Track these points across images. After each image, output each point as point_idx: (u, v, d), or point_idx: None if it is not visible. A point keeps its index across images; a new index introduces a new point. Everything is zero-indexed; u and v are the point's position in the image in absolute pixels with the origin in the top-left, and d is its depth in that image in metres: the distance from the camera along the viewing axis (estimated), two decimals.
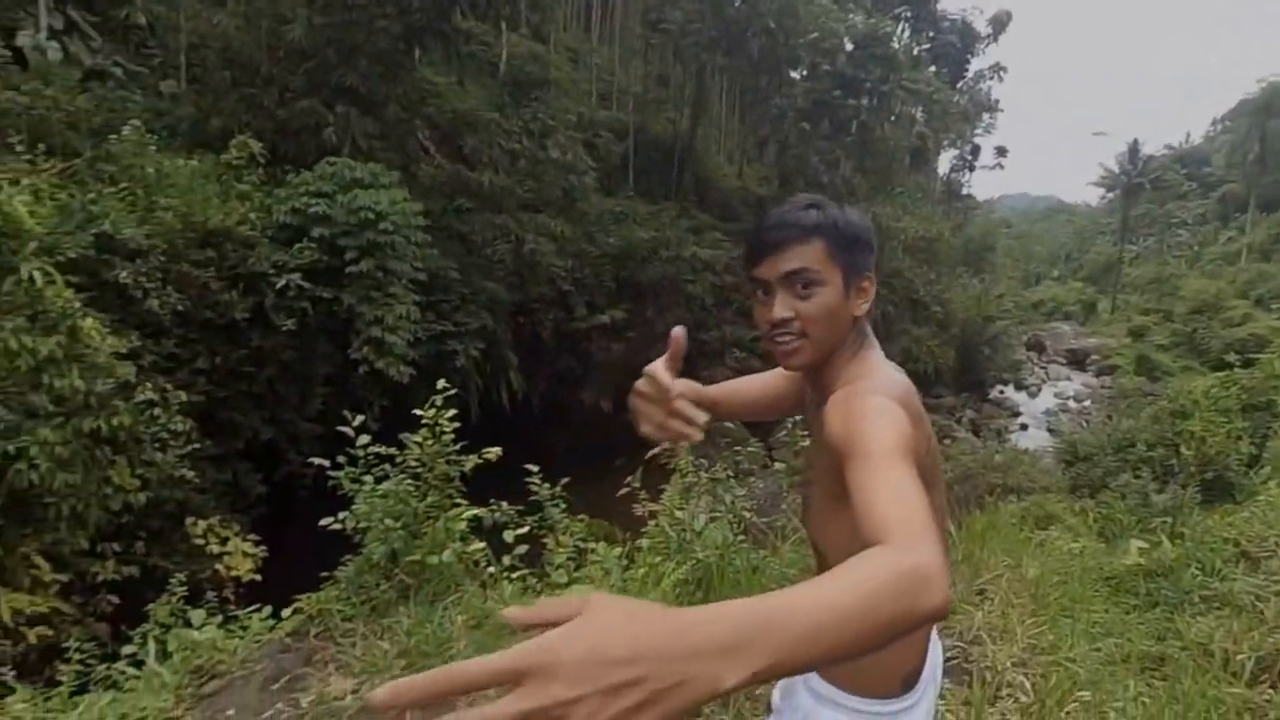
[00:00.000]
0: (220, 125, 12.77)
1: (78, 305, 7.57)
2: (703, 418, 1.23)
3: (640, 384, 1.26)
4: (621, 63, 27.89)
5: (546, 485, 4.31)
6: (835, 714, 1.25)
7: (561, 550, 4.17)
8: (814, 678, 1.28)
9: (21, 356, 6.82)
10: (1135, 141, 54.48)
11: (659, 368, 1.25)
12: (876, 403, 1.08)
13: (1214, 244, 56.53)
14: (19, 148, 9.52)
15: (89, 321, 7.64)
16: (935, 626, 1.39)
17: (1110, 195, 64.79)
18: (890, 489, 0.92)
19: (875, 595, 0.68)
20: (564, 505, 4.42)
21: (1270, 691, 3.00)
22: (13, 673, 4.35)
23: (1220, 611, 3.71)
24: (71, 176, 10.00)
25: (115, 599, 7.68)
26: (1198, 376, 20.44)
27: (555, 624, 0.57)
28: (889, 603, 0.67)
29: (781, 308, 1.19)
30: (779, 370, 1.46)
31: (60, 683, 3.44)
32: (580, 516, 4.60)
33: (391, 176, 12.78)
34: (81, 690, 3.37)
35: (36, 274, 7.12)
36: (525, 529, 4.09)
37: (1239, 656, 3.18)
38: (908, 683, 1.26)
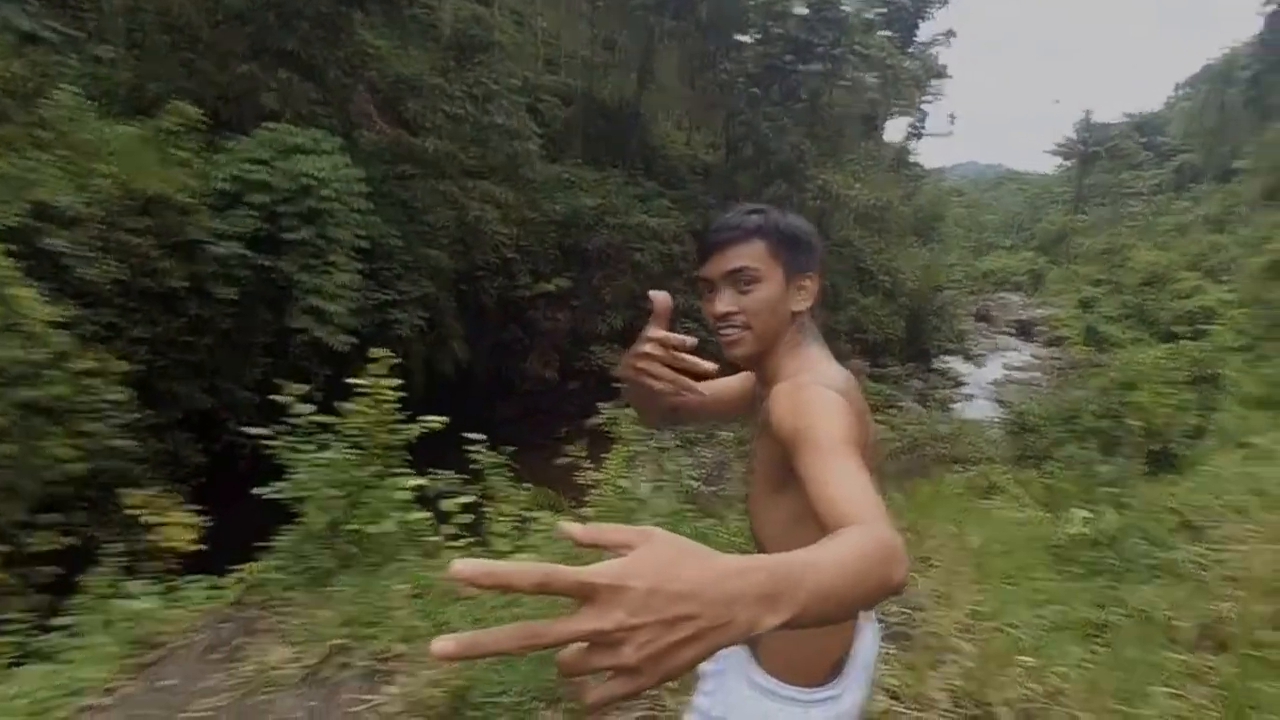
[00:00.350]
0: (158, 91, 12.82)
1: (14, 274, 7.76)
2: (710, 366, 1.28)
3: (645, 348, 1.29)
4: (567, 26, 27.84)
5: (490, 454, 4.44)
6: (768, 700, 1.35)
7: (505, 519, 4.30)
8: (750, 665, 1.39)
9: None
10: (1091, 110, 56.18)
11: (649, 330, 1.30)
12: (823, 395, 1.20)
13: (1167, 214, 56.42)
14: None
15: (25, 291, 7.81)
16: (867, 616, 1.53)
17: (1067, 164, 66.21)
18: (846, 477, 1.02)
19: (867, 562, 0.78)
20: (508, 474, 4.54)
21: (1212, 658, 3.11)
22: None
23: (1163, 580, 3.89)
24: (8, 144, 10.01)
25: (54, 568, 7.76)
26: (1147, 348, 20.66)
27: (613, 547, 0.62)
28: (875, 571, 0.77)
29: (725, 303, 1.33)
30: (737, 376, 1.57)
31: None
32: (524, 485, 4.74)
33: (332, 142, 12.89)
34: (20, 662, 3.47)
35: None
36: (469, 498, 4.18)
37: (1181, 624, 3.34)
38: (834, 671, 1.37)
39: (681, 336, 1.27)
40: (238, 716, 2.88)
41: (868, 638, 1.48)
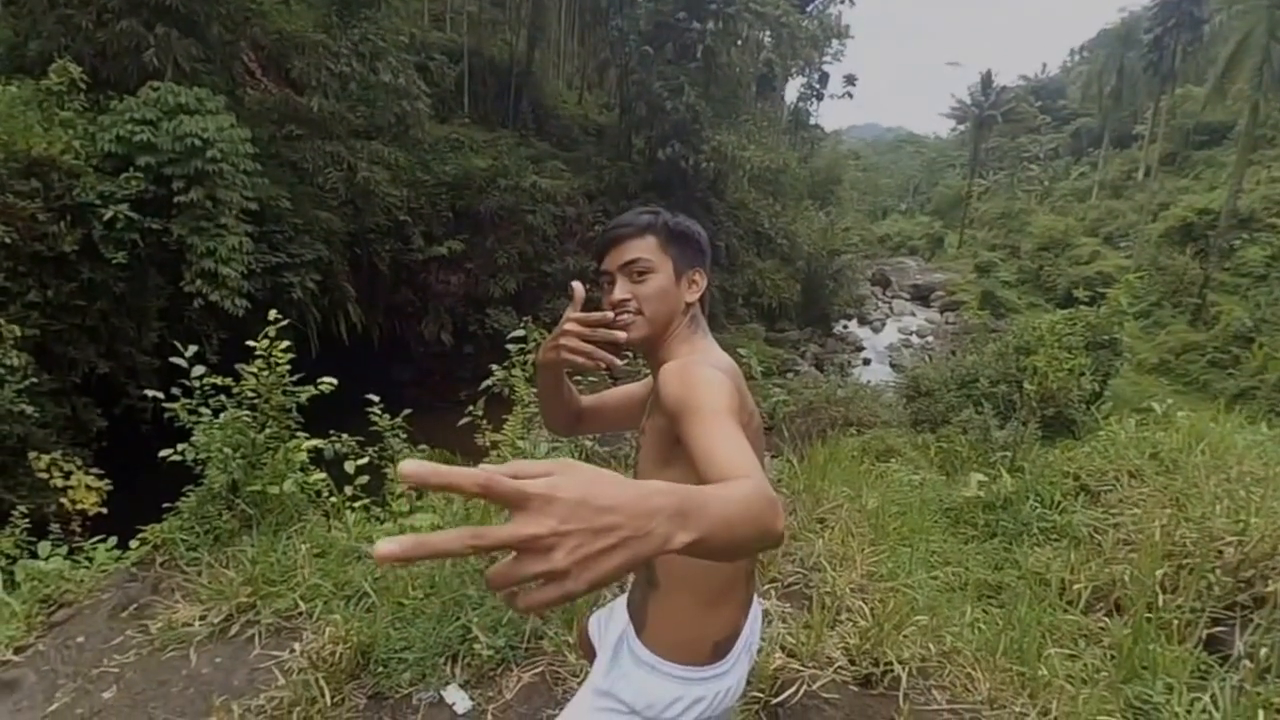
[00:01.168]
0: (39, 49, 13.15)
1: None
2: (624, 335, 1.52)
3: (566, 327, 1.52)
4: None
5: (387, 416, 4.67)
6: (651, 676, 1.50)
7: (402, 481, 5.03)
8: (635, 642, 1.55)
9: None
10: (989, 72, 57.06)
11: (573, 312, 1.53)
12: (708, 373, 1.36)
13: (1065, 179, 59.37)
14: None
15: None
16: (755, 602, 1.67)
17: (961, 128, 68.00)
18: (727, 440, 1.17)
19: (753, 508, 0.90)
20: (405, 436, 4.77)
21: (1106, 619, 3.30)
22: None
23: (1058, 543, 4.09)
24: None
25: None
26: (1043, 313, 21.25)
27: (534, 476, 0.68)
28: (761, 516, 0.90)
29: (621, 291, 1.53)
30: (639, 383, 1.79)
31: None
32: (421, 447, 4.99)
33: (217, 101, 13.33)
34: None
35: None
36: (366, 459, 4.40)
37: (1075, 586, 3.53)
38: (718, 652, 1.51)
39: (600, 314, 1.53)
40: (148, 672, 3.06)
41: (755, 623, 1.67)
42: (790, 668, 2.90)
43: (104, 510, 9.07)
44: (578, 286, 1.55)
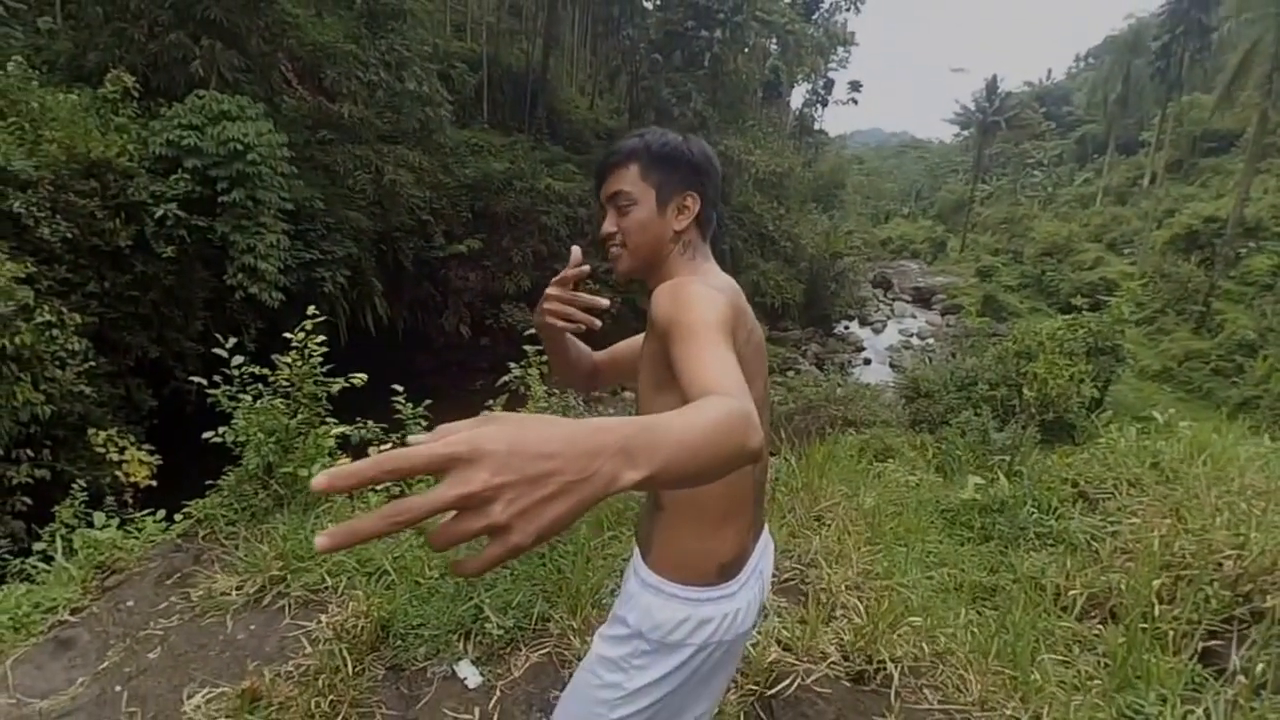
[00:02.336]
0: (96, 60, 13.98)
1: None
2: (603, 302, 1.59)
3: (549, 291, 1.60)
4: None
5: (410, 405, 4.73)
6: (655, 598, 1.46)
7: None
8: (642, 566, 1.52)
9: None
10: (994, 78, 57.26)
11: (561, 277, 1.59)
12: (697, 288, 1.32)
13: (1069, 185, 58.49)
14: None
15: None
16: (765, 525, 1.66)
17: (965, 133, 67.54)
18: (710, 357, 1.12)
19: (723, 427, 0.83)
20: (425, 424, 4.75)
21: (1100, 627, 3.23)
22: None
23: (1054, 548, 4.00)
24: None
25: (28, 500, 8.86)
26: (1045, 318, 21.20)
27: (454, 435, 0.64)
28: (732, 435, 0.83)
29: (608, 224, 1.55)
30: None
31: None
32: None
33: (257, 109, 14.05)
34: (0, 582, 3.90)
35: None
36: (389, 446, 4.33)
37: (1071, 592, 3.45)
38: (725, 573, 1.47)
39: (576, 271, 1.58)
40: (189, 636, 3.16)
41: (764, 547, 1.63)
42: (785, 661, 2.92)
43: (154, 483, 9.26)
44: (575, 250, 1.60)
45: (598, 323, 1.63)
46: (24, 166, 11.06)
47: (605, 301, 1.62)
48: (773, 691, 2.79)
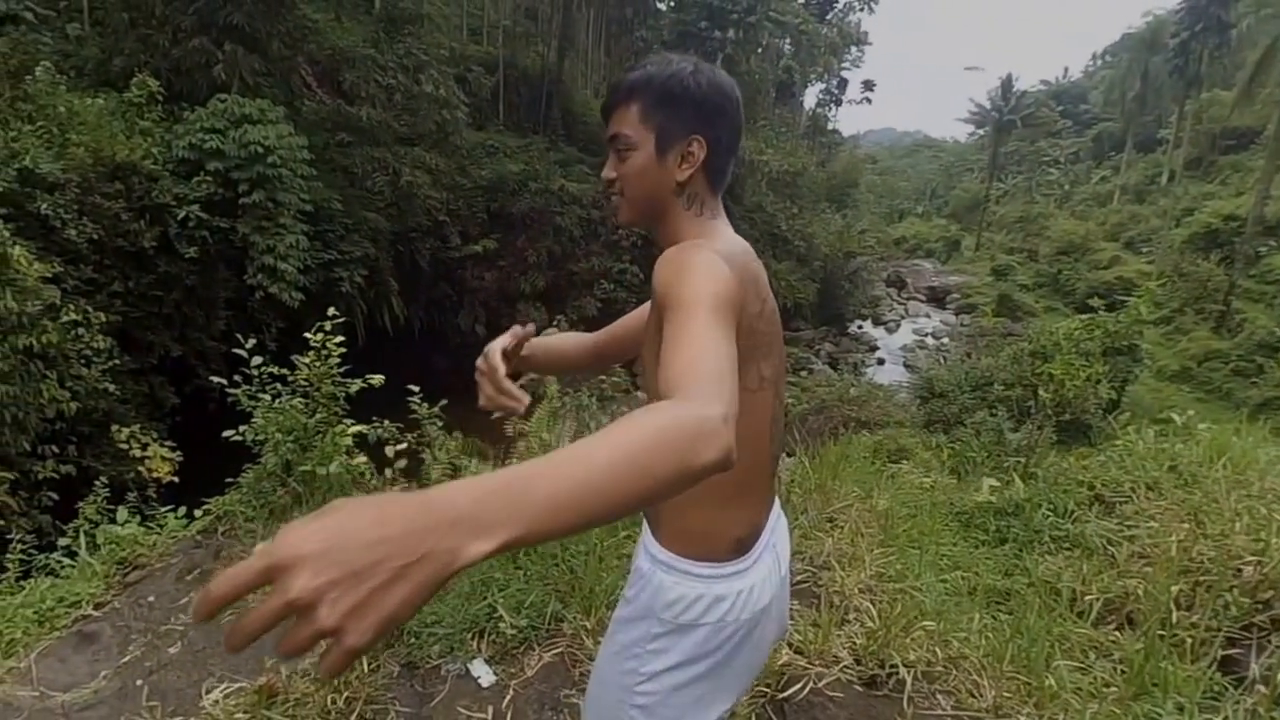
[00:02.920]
0: (122, 65, 14.28)
1: (7, 234, 8.68)
2: (525, 397, 1.43)
3: (479, 361, 1.45)
4: None
5: (426, 405, 4.76)
6: (668, 575, 1.36)
7: (438, 465, 4.61)
8: (650, 541, 1.42)
9: None
10: (1009, 76, 56.10)
11: (495, 348, 1.46)
12: (700, 256, 1.16)
13: (1086, 184, 58.04)
14: None
15: (17, 249, 8.77)
16: (777, 498, 1.54)
17: (980, 132, 66.56)
18: (688, 342, 0.98)
19: (640, 452, 0.72)
20: (441, 423, 4.87)
21: (1117, 633, 3.13)
22: None
23: (1070, 552, 3.89)
24: None
25: (54, 495, 8.94)
26: (1061, 318, 20.96)
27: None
28: (658, 459, 0.73)
29: (608, 169, 1.39)
30: (645, 305, 1.49)
31: (8, 568, 4.05)
32: (455, 434, 5.07)
33: (277, 112, 14.30)
34: (26, 576, 3.94)
35: None
36: (405, 445, 4.49)
37: (1087, 597, 3.35)
38: (738, 548, 1.37)
39: (519, 336, 1.50)
40: (208, 632, 3.16)
41: (778, 521, 1.54)
42: (797, 664, 2.86)
43: (175, 479, 9.34)
44: (528, 329, 1.52)
45: (521, 409, 1.45)
46: (52, 169, 11.30)
47: (522, 408, 1.44)
48: (784, 695, 2.73)
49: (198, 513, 4.16)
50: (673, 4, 30.36)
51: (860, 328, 35.05)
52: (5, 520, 8.13)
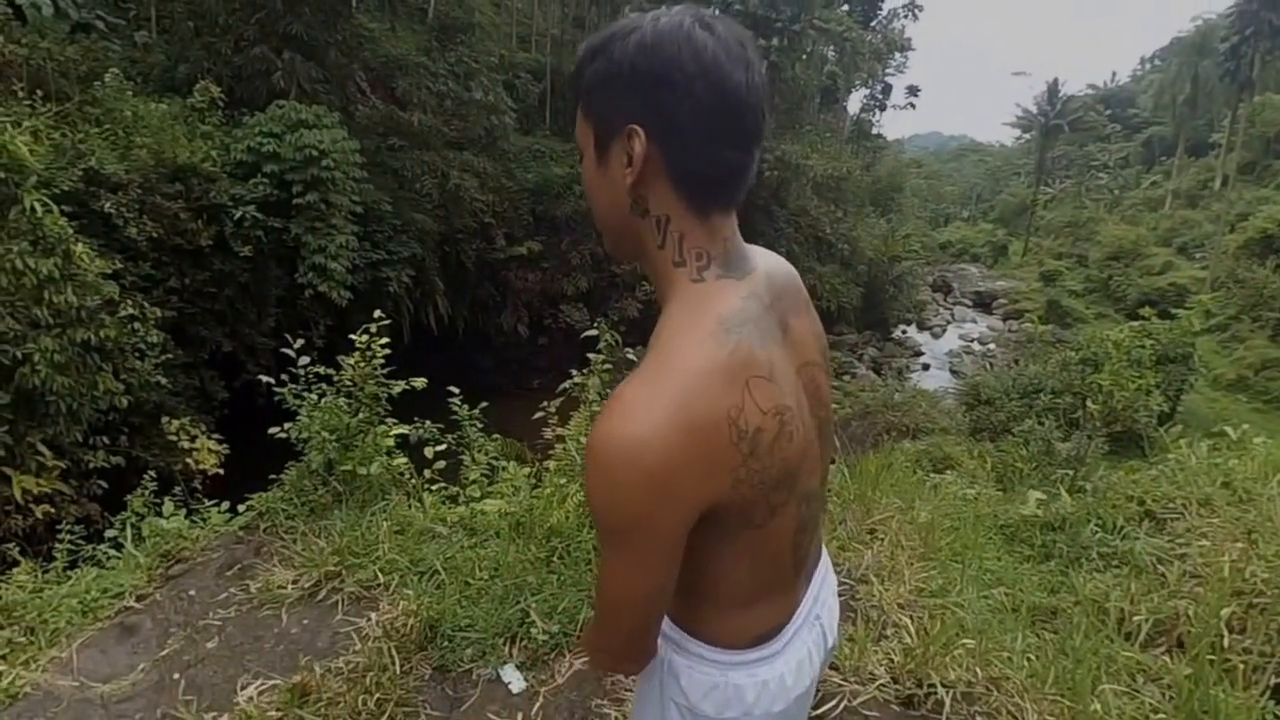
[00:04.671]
0: (186, 72, 14.69)
1: (71, 232, 8.86)
2: None
3: None
4: (539, 6, 29.40)
5: (466, 407, 4.78)
6: (679, 656, 1.14)
7: (476, 467, 4.60)
8: (666, 620, 1.15)
9: (26, 275, 8.11)
10: (1055, 81, 55.19)
11: None
12: (603, 462, 0.88)
13: (1136, 188, 56.78)
14: (20, 94, 11.25)
15: (80, 246, 8.98)
16: (823, 552, 1.32)
17: (1026, 136, 65.36)
18: (599, 574, 0.95)
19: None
20: (481, 425, 4.88)
21: (1166, 656, 2.96)
22: (17, 549, 4.95)
23: (1119, 570, 3.70)
24: (64, 119, 11.88)
25: (104, 484, 9.15)
26: (1112, 325, 20.70)
27: None
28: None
29: None
30: None
31: (56, 557, 4.08)
32: (495, 436, 5.09)
33: (332, 117, 14.56)
34: (73, 566, 3.96)
35: (37, 204, 8.34)
36: (445, 446, 4.49)
37: (1135, 618, 3.18)
38: (762, 639, 1.13)
39: None
40: (245, 628, 3.20)
41: (823, 590, 1.28)
42: (832, 681, 2.73)
43: (221, 470, 10.11)
44: None
45: None
46: (116, 170, 11.65)
47: None
48: (818, 712, 2.59)
49: (240, 508, 4.18)
50: (718, 12, 29.70)
51: (905, 332, 34.59)
52: (56, 507, 8.33)
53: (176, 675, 2.94)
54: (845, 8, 36.20)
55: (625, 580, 0.93)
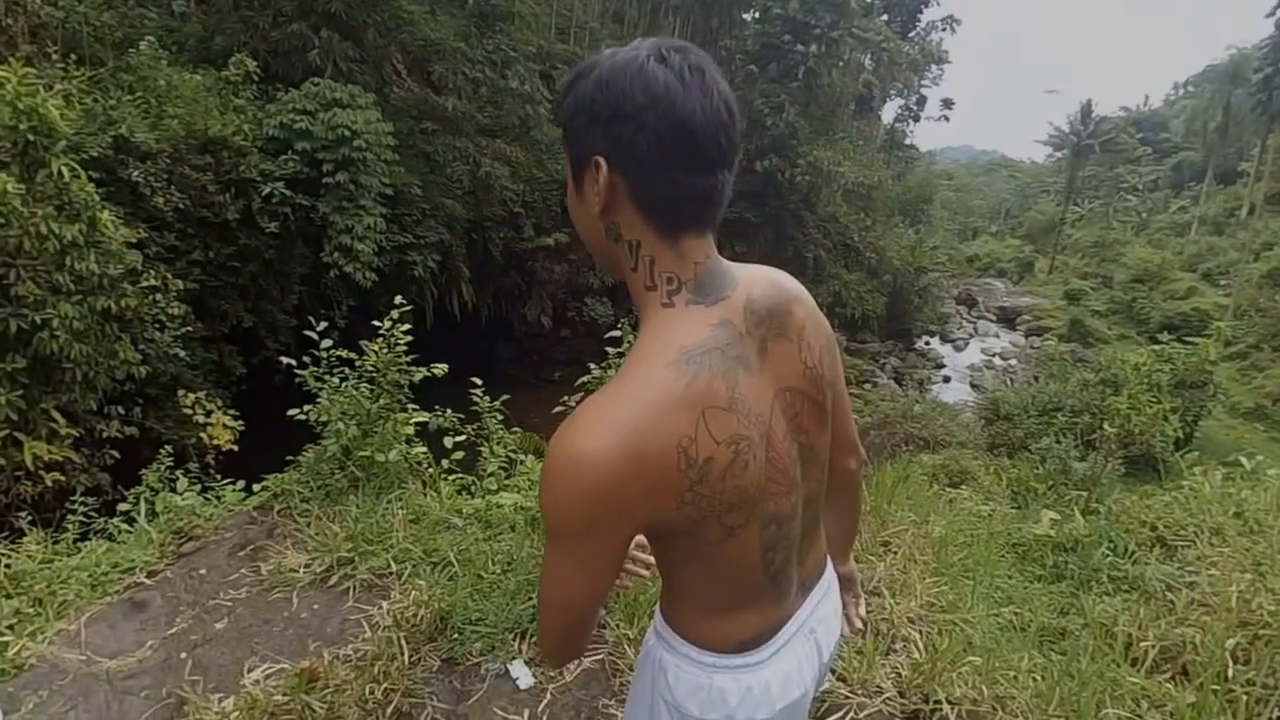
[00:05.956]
0: (222, 44, 14.43)
1: (97, 198, 8.66)
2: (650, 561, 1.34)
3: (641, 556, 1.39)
4: None
5: (487, 399, 4.75)
6: (668, 655, 1.17)
7: (494, 459, 4.56)
8: (659, 615, 1.21)
9: (50, 240, 7.91)
10: (1088, 101, 54.50)
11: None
12: (555, 472, 0.92)
13: (1164, 212, 56.36)
14: (54, 57, 11.06)
15: (106, 213, 8.77)
16: (827, 565, 1.35)
17: (1057, 154, 64.75)
18: (544, 570, 1.00)
19: None
20: (500, 417, 4.84)
21: (1170, 684, 2.93)
22: (27, 518, 4.84)
23: (1128, 595, 3.68)
24: (96, 84, 11.69)
25: (116, 454, 8.94)
26: (1134, 346, 20.52)
27: None
28: None
29: None
30: None
31: (67, 528, 3.96)
32: (514, 429, 5.07)
33: (366, 98, 14.32)
34: (83, 538, 3.89)
35: (64, 169, 8.15)
36: (464, 436, 4.43)
37: (1142, 643, 3.16)
38: (746, 646, 1.14)
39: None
40: (255, 610, 3.18)
41: (814, 595, 1.29)
42: (838, 692, 2.73)
43: (234, 447, 9.82)
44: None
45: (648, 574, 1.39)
46: (146, 139, 11.45)
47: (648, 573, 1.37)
48: None
49: (255, 488, 4.15)
50: (757, 16, 29.74)
51: (928, 344, 34.01)
52: (66, 475, 8.12)
53: (184, 654, 2.93)
54: (884, 17, 35.82)
55: (561, 581, 0.98)
